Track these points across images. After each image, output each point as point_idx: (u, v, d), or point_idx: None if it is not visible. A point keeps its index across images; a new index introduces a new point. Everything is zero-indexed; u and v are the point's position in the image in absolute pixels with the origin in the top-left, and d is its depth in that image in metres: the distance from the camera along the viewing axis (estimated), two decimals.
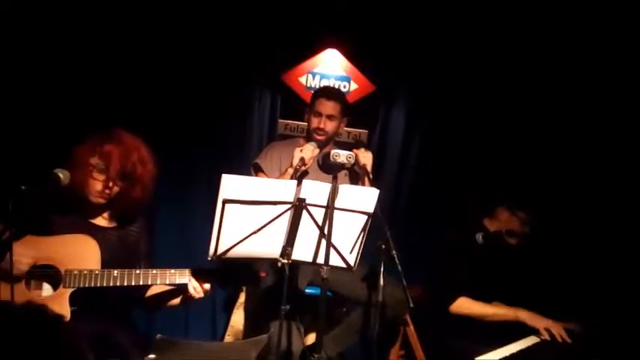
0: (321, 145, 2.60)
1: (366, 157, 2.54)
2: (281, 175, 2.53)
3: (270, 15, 3.23)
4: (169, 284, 1.98)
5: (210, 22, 3.19)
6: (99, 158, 1.96)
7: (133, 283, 1.90)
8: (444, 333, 2.47)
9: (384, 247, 2.04)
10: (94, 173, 1.97)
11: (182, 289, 1.98)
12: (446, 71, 3.37)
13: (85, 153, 1.97)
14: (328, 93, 2.73)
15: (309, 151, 2.46)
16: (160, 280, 1.93)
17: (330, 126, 2.66)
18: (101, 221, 2.08)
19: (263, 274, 2.02)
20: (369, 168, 2.55)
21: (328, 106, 2.65)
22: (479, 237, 2.56)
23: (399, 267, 2.00)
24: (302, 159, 2.40)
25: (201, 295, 1.97)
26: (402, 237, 3.12)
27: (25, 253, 1.86)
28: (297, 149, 2.46)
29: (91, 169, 1.96)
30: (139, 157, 2.01)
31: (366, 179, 2.56)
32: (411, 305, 2.04)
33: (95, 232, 1.99)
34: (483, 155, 3.35)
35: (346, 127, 3.18)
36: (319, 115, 2.65)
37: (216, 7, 3.18)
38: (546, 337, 2.40)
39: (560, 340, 2.38)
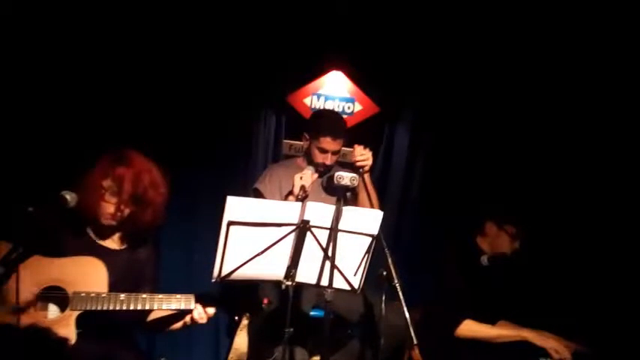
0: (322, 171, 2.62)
1: (362, 154, 2.52)
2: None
3: (275, 37, 3.28)
4: (175, 309, 1.97)
5: (217, 43, 3.23)
6: (111, 181, 1.96)
7: (139, 307, 1.90)
8: (451, 354, 2.46)
9: (385, 274, 2.03)
10: (105, 196, 1.97)
11: (185, 313, 1.98)
12: (450, 91, 3.41)
13: (98, 175, 1.98)
14: (334, 132, 2.61)
15: (308, 177, 2.45)
16: (166, 305, 1.93)
17: (334, 159, 2.66)
18: (110, 243, 2.09)
19: (266, 302, 2.01)
20: (367, 167, 2.53)
21: (335, 145, 2.62)
22: (484, 259, 2.55)
23: (402, 297, 1.97)
24: (302, 187, 2.40)
25: (205, 320, 1.97)
26: (405, 258, 3.14)
27: (33, 277, 1.86)
28: (297, 177, 2.44)
29: (103, 192, 1.97)
30: (150, 180, 2.01)
31: (367, 179, 2.53)
32: (415, 342, 1.99)
33: (103, 254, 2.00)
34: (487, 173, 3.37)
35: (347, 146, 3.20)
36: (325, 151, 2.62)
37: (224, 28, 3.22)
38: (556, 357, 2.38)
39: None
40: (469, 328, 2.46)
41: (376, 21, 3.32)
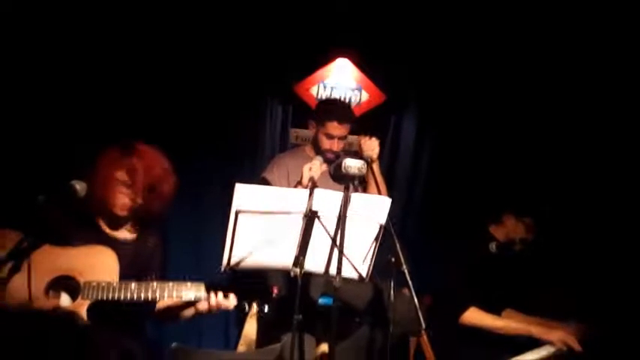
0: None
1: (369, 145, 2.53)
2: None
3: (281, 26, 3.27)
4: (185, 299, 1.98)
5: (223, 34, 3.23)
6: (125, 173, 1.99)
7: (150, 296, 1.91)
8: (457, 342, 2.46)
9: (393, 260, 2.03)
10: (120, 187, 2.00)
11: (196, 303, 1.99)
12: (456, 80, 3.39)
13: (110, 167, 2.00)
14: (340, 116, 2.65)
15: (317, 168, 2.44)
16: (176, 294, 1.93)
17: (341, 145, 2.68)
18: (118, 234, 2.11)
19: (276, 291, 2.02)
20: (374, 157, 2.53)
21: (341, 130, 2.64)
22: (492, 246, 2.55)
23: (410, 283, 1.98)
24: (312, 178, 2.40)
25: (216, 311, 1.98)
26: (413, 245, 3.13)
27: (44, 267, 1.88)
28: (306, 168, 2.44)
29: (117, 184, 2.00)
30: (162, 170, 2.05)
31: (375, 168, 2.53)
32: (424, 326, 2.00)
33: (112, 244, 2.01)
34: (493, 162, 3.35)
35: (355, 134, 3.20)
36: (331, 137, 2.64)
37: (230, 18, 3.22)
38: (563, 348, 2.38)
39: (576, 349, 2.36)
40: (474, 315, 2.46)
41: (382, 11, 3.29)
